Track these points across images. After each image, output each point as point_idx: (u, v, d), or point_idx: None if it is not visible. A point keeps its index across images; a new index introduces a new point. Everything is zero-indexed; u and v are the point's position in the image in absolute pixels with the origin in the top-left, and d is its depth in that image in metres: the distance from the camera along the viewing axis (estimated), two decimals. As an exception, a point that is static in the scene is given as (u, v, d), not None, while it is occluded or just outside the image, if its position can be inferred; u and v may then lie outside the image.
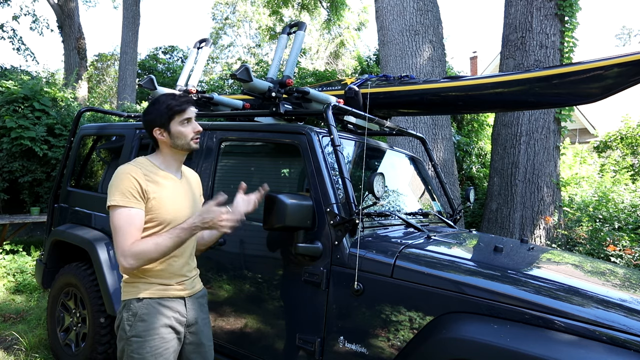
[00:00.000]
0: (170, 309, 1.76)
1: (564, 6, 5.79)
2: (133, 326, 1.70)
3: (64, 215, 3.58)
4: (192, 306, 1.86)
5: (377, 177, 2.09)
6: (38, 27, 15.89)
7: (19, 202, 6.95)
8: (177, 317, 1.78)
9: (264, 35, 21.78)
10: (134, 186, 1.69)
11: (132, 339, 1.70)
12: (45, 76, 12.11)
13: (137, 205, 1.68)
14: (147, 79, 3.38)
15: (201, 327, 1.88)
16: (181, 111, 1.78)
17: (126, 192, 1.67)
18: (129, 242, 1.62)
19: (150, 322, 1.71)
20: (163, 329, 1.73)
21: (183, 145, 1.81)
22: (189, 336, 1.84)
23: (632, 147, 10.02)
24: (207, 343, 1.91)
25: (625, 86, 2.44)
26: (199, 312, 1.88)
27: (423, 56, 5.71)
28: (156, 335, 1.70)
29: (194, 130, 1.81)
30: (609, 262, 2.91)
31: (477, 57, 20.17)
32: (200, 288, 1.94)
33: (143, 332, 1.69)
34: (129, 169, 1.72)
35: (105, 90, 18.64)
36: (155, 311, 1.72)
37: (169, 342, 1.73)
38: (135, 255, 1.61)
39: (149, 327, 1.70)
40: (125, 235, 1.63)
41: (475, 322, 1.71)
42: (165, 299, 1.76)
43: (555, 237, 5.76)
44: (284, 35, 3.12)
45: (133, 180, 1.69)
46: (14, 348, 3.45)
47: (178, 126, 1.79)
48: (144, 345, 1.68)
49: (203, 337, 1.89)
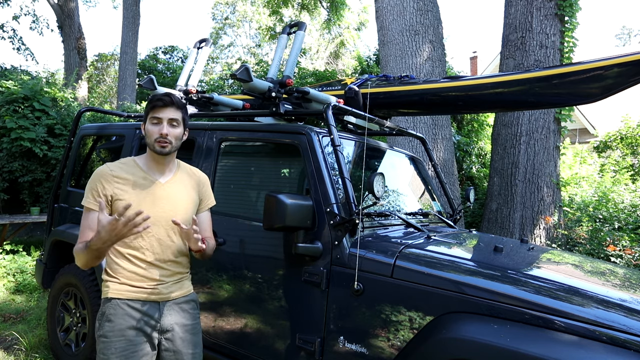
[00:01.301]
0: (139, 311, 1.72)
1: (564, 6, 5.79)
2: (101, 325, 1.71)
3: (64, 215, 3.58)
4: (169, 312, 1.79)
5: (377, 177, 2.09)
6: (38, 27, 15.90)
7: (19, 202, 6.95)
8: (147, 321, 1.73)
9: (264, 35, 21.77)
10: (97, 189, 1.72)
11: (100, 338, 1.70)
12: (45, 76, 12.09)
13: (95, 208, 1.72)
14: (147, 79, 3.38)
15: (179, 334, 1.80)
16: (153, 108, 1.75)
17: (91, 194, 1.73)
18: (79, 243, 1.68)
19: (116, 322, 1.69)
20: (130, 331, 1.69)
21: (149, 145, 1.77)
22: (164, 342, 1.78)
23: (632, 147, 10.02)
24: (186, 351, 1.81)
25: (625, 86, 2.44)
26: (178, 318, 1.81)
27: (423, 56, 5.71)
28: (122, 337, 1.68)
29: (160, 132, 1.73)
30: (609, 262, 2.91)
31: (477, 57, 20.16)
32: (183, 293, 1.86)
33: (109, 333, 1.69)
34: (100, 172, 1.76)
35: (105, 90, 18.65)
36: (123, 312, 1.70)
37: (136, 346, 1.69)
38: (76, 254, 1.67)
39: (115, 327, 1.69)
40: (81, 235, 1.71)
41: (475, 322, 1.71)
42: (135, 301, 1.72)
43: (555, 237, 5.76)
44: (284, 35, 3.12)
45: (99, 184, 1.73)
46: (14, 348, 3.45)
47: (148, 123, 1.78)
48: (109, 346, 1.67)
49: (182, 344, 1.80)
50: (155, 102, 1.75)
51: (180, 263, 1.85)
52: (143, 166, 1.81)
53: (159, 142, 1.74)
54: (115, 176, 1.73)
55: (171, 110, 1.76)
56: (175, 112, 1.77)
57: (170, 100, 1.76)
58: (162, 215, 1.76)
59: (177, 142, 1.80)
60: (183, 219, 1.80)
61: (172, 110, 1.76)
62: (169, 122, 1.76)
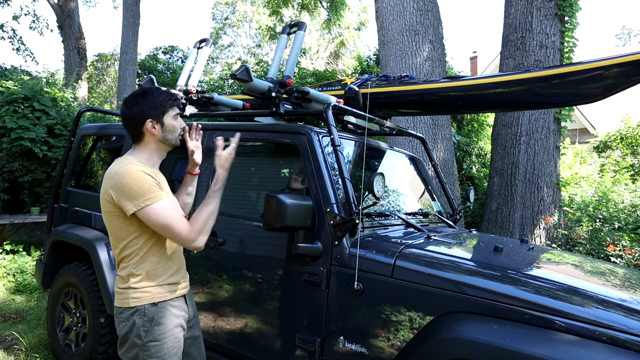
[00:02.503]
0: (178, 308, 1.83)
1: (564, 6, 5.79)
2: (150, 331, 1.72)
3: (64, 215, 3.58)
4: (190, 302, 1.95)
5: (377, 177, 2.09)
6: (38, 27, 15.90)
7: (19, 202, 6.95)
8: (183, 315, 1.86)
9: (264, 35, 21.78)
10: (153, 181, 1.69)
11: (149, 344, 1.71)
12: (45, 76, 12.10)
13: (165, 196, 1.71)
14: (147, 79, 3.38)
15: (195, 321, 1.98)
16: (176, 105, 1.86)
17: (150, 187, 1.67)
18: (187, 226, 1.70)
19: (166, 324, 1.75)
20: (176, 329, 1.80)
21: (171, 139, 1.84)
22: (188, 331, 1.92)
23: (632, 147, 10.02)
24: (199, 334, 2.02)
25: (626, 86, 2.44)
26: (193, 307, 1.98)
27: (423, 56, 5.71)
28: (172, 337, 1.76)
29: (181, 126, 1.87)
30: (609, 262, 2.91)
31: (477, 57, 20.17)
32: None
33: (160, 336, 1.74)
34: (136, 168, 1.69)
35: (105, 90, 18.66)
36: (169, 313, 1.78)
37: (180, 341, 1.82)
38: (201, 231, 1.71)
39: (165, 329, 1.75)
40: (178, 223, 1.69)
41: (475, 322, 1.71)
42: (174, 299, 1.82)
43: (555, 237, 5.76)
44: (284, 35, 3.12)
45: (148, 177, 1.68)
46: (14, 348, 3.45)
47: (172, 120, 1.82)
48: (162, 348, 1.73)
49: (197, 330, 2.00)
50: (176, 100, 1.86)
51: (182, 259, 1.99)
52: (146, 162, 1.81)
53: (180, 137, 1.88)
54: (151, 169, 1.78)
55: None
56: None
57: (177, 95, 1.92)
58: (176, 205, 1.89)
59: None
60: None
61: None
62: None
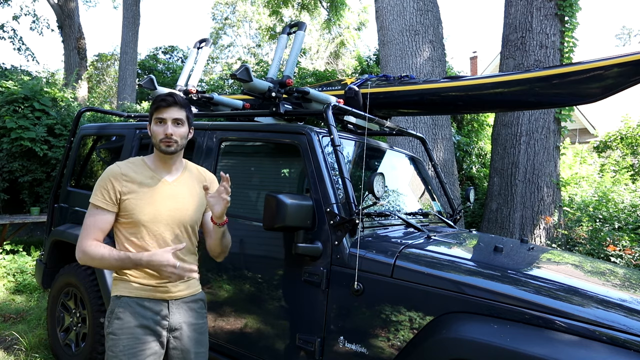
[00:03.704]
0: (149, 310, 1.74)
1: (564, 6, 5.79)
2: (110, 323, 1.73)
3: (64, 215, 3.58)
4: (178, 310, 1.80)
5: (377, 177, 2.09)
6: (38, 27, 15.90)
7: (19, 202, 6.95)
8: (156, 320, 1.75)
9: (264, 35, 21.77)
10: (107, 188, 1.74)
11: (109, 335, 1.72)
12: (45, 76, 12.11)
13: (107, 207, 1.74)
14: (147, 79, 3.38)
15: (187, 333, 1.81)
16: (157, 108, 1.77)
17: (100, 192, 1.75)
18: (86, 240, 1.71)
19: (125, 320, 1.71)
20: (138, 329, 1.71)
21: (155, 144, 1.80)
22: (173, 341, 1.79)
23: (632, 147, 10.02)
24: (194, 350, 1.83)
25: (626, 86, 2.44)
26: (186, 317, 1.82)
27: (423, 56, 5.71)
28: (130, 335, 1.70)
29: (165, 132, 1.75)
30: (609, 262, 2.91)
31: (477, 57, 20.16)
32: (191, 292, 1.87)
33: (117, 330, 1.71)
34: (110, 170, 1.78)
35: (105, 90, 18.66)
36: (132, 310, 1.72)
37: (144, 344, 1.71)
38: (83, 254, 1.70)
39: (123, 325, 1.71)
40: (87, 232, 1.72)
41: (475, 322, 1.71)
42: (144, 299, 1.75)
43: (555, 237, 5.76)
44: (284, 35, 3.12)
45: (108, 182, 1.74)
46: (14, 348, 3.45)
47: (153, 124, 1.80)
48: (117, 344, 1.69)
49: (190, 343, 1.82)
50: (159, 102, 1.77)
51: (188, 262, 1.85)
52: (151, 165, 1.83)
53: (164, 142, 1.77)
54: (124, 174, 1.76)
55: (174, 109, 1.78)
56: (178, 112, 1.79)
57: (173, 100, 1.78)
58: (169, 214, 1.78)
59: (183, 141, 1.82)
60: (190, 217, 1.84)
61: (175, 110, 1.78)
62: (173, 122, 1.78)
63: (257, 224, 2.46)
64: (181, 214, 1.81)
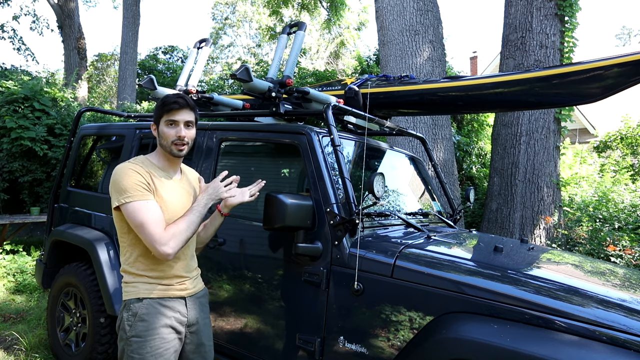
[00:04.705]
0: (170, 309, 1.76)
1: (564, 6, 5.79)
2: (133, 326, 1.71)
3: (64, 215, 3.58)
4: (193, 306, 1.85)
5: (377, 177, 2.09)
6: (38, 27, 15.90)
7: (19, 202, 6.95)
8: (177, 317, 1.78)
9: (264, 35, 21.77)
10: (140, 180, 1.69)
11: (132, 339, 1.70)
12: (45, 76, 12.09)
13: (151, 197, 1.69)
14: (147, 79, 3.38)
15: (201, 327, 1.88)
16: (169, 110, 1.75)
17: (135, 186, 1.67)
18: (161, 230, 1.65)
19: (150, 322, 1.71)
20: (163, 329, 1.73)
21: (165, 146, 1.78)
22: (189, 336, 1.84)
23: (632, 147, 10.02)
24: (207, 343, 1.91)
25: (626, 86, 2.44)
26: (199, 312, 1.88)
27: (423, 56, 5.71)
28: (156, 335, 1.71)
29: (177, 134, 1.75)
30: (609, 262, 2.91)
31: (477, 57, 20.16)
32: (201, 288, 1.94)
33: (143, 332, 1.70)
34: (129, 166, 1.72)
35: (105, 90, 18.66)
36: (156, 311, 1.73)
37: (169, 342, 1.73)
38: (173, 238, 1.65)
39: (149, 327, 1.70)
40: (154, 225, 1.64)
41: (475, 322, 1.71)
42: (165, 299, 1.76)
43: (555, 237, 5.76)
44: (284, 35, 3.12)
45: (137, 175, 1.69)
46: (14, 348, 3.45)
47: (163, 126, 1.78)
48: (144, 345, 1.69)
49: (203, 337, 1.89)
50: (171, 104, 1.76)
51: (195, 258, 1.95)
52: (158, 164, 1.83)
53: (177, 144, 1.77)
54: (147, 171, 1.74)
55: (186, 112, 1.78)
56: (190, 114, 1.80)
57: (185, 102, 1.78)
58: (183, 211, 1.80)
59: (191, 142, 1.84)
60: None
61: (187, 112, 1.78)
62: (185, 124, 1.78)
63: (257, 224, 2.46)
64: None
